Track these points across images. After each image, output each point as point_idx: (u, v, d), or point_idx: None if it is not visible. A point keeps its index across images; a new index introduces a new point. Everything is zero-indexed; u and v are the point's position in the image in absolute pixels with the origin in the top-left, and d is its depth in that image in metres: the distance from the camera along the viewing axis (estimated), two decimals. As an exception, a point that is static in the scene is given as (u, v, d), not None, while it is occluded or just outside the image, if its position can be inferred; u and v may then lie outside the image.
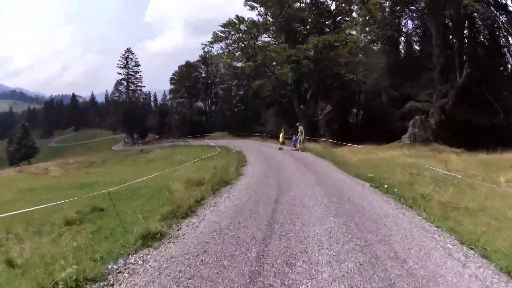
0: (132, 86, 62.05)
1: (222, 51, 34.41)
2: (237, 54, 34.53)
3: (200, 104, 64.95)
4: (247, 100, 51.96)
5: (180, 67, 63.38)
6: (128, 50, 61.93)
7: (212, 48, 34.82)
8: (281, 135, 20.18)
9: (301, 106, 31.62)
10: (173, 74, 64.62)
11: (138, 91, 63.46)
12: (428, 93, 26.57)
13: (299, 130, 18.77)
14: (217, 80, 63.21)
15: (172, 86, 64.67)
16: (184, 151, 29.92)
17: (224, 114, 56.16)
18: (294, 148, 19.04)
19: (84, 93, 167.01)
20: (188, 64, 62.94)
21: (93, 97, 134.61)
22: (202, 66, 63.55)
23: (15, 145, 61.41)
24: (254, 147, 23.32)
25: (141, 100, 64.88)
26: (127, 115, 59.23)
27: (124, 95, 62.20)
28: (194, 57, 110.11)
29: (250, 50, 32.81)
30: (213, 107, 64.71)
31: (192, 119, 58.28)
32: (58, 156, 55.91)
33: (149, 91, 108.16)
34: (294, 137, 19.64)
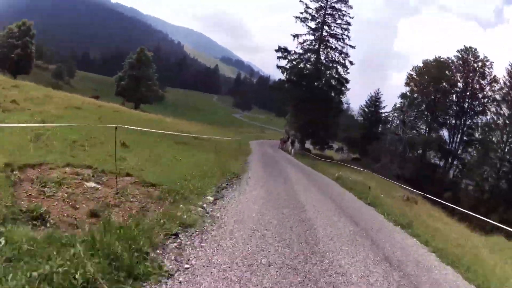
0: (326, 52, 32.59)
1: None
2: None
3: (444, 134, 37.36)
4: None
5: (425, 63, 39.02)
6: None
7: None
8: None
9: None
10: (413, 69, 40.05)
11: (335, 65, 32.43)
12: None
13: None
14: (485, 100, 34.80)
15: (407, 90, 38.79)
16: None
17: (478, 165, 30.82)
18: None
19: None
20: (438, 61, 37.53)
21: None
22: (460, 68, 36.41)
23: (119, 75, 42.95)
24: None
25: (332, 82, 33.11)
26: (297, 96, 31.81)
27: (308, 64, 32.96)
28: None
29: None
30: (462, 149, 36.12)
31: (425, 157, 35.34)
32: (224, 126, 47.64)
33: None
34: None
